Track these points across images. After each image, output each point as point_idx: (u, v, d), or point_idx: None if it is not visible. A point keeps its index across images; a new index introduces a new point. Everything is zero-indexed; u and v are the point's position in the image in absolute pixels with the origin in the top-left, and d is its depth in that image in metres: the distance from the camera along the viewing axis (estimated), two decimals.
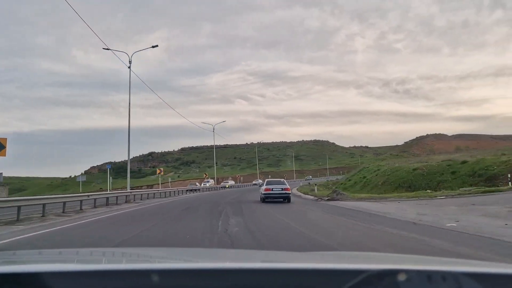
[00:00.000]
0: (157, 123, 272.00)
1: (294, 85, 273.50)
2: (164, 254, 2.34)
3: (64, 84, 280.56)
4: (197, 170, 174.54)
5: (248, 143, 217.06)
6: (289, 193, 20.53)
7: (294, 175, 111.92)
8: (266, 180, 23.22)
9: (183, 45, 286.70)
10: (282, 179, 23.07)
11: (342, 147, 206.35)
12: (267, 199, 20.02)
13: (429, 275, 1.11)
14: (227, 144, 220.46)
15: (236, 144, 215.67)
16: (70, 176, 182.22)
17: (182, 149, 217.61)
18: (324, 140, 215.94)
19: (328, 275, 1.19)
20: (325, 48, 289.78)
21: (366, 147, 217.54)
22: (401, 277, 1.08)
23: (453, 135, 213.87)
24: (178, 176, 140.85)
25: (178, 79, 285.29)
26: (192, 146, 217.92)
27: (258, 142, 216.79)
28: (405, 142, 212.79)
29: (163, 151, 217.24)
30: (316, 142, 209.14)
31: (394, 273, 1.11)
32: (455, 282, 1.08)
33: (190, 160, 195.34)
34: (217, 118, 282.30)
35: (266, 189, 20.25)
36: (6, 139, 15.11)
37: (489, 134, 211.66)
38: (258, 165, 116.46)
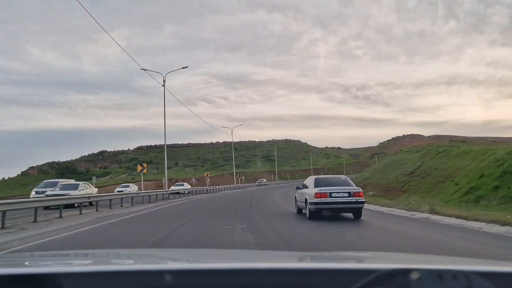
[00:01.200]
0: (115, 124, 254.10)
1: (257, 88, 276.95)
2: (173, 255, 2.38)
3: (15, 82, 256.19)
4: (155, 172, 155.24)
5: (214, 142, 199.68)
6: (362, 201, 11.47)
7: (276, 176, 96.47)
8: (313, 178, 12.87)
9: (144, 45, 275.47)
10: (343, 177, 13.67)
11: (315, 147, 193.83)
12: (323, 211, 11.22)
13: (440, 274, 1.11)
14: (190, 143, 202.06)
15: (200, 144, 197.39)
16: (3, 178, 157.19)
17: (139, 148, 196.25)
18: (296, 140, 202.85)
19: (339, 275, 1.20)
20: (288, 53, 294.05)
21: (339, 148, 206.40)
22: (412, 276, 1.09)
23: (429, 135, 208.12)
24: (114, 181, 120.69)
25: (139, 79, 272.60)
26: (150, 145, 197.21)
27: (224, 142, 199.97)
28: (380, 143, 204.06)
29: (116, 149, 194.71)
30: (287, 142, 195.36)
31: (404, 272, 1.11)
32: (466, 281, 1.08)
33: (146, 160, 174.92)
34: (179, 121, 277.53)
35: (319, 194, 11.07)
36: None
37: (463, 136, 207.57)
38: (228, 165, 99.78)
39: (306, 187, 12.56)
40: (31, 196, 21.40)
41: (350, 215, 11.81)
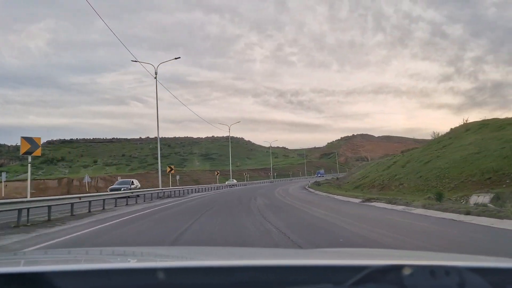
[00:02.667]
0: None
1: (193, 90, 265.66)
2: (171, 253, 2.46)
3: None
4: (66, 172, 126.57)
5: (143, 137, 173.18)
6: None
7: (247, 176, 76.57)
8: None
9: (72, 40, 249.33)
10: None
11: (260, 146, 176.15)
12: None
13: (432, 270, 1.13)
14: (114, 138, 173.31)
15: (126, 139, 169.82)
16: None
17: (49, 142, 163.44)
18: (239, 137, 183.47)
19: (333, 271, 1.24)
20: (225, 55, 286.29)
21: (285, 148, 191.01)
22: (405, 272, 1.11)
23: (379, 136, 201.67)
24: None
25: (67, 76, 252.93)
26: (64, 139, 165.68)
27: (155, 137, 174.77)
28: (329, 143, 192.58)
29: (17, 144, 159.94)
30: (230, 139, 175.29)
31: (397, 268, 1.13)
32: (459, 277, 1.10)
33: (57, 157, 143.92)
34: (110, 120, 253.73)
35: None
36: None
37: (412, 137, 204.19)
38: (158, 163, 77.30)
39: None
40: None
41: None
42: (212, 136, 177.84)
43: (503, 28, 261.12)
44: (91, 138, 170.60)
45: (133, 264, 1.65)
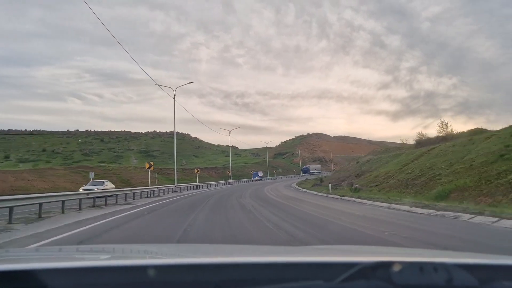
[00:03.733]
0: None
1: (136, 87, 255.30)
2: (162, 250, 2.49)
3: None
4: None
5: (71, 130, 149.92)
6: None
7: (197, 177, 61.22)
8: None
9: (2, 29, 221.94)
10: None
11: (209, 144, 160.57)
12: None
13: (421, 267, 1.17)
14: (34, 130, 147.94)
15: (50, 132, 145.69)
16: None
17: None
18: (185, 133, 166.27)
19: (323, 268, 1.27)
20: (170, 54, 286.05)
21: (235, 147, 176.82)
22: (394, 269, 1.15)
23: (335, 136, 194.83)
24: None
25: None
26: None
27: (87, 130, 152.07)
28: (282, 142, 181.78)
29: None
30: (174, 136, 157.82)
31: (387, 265, 1.17)
32: (447, 273, 1.14)
33: None
34: (46, 117, 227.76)
35: None
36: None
37: (365, 138, 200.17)
38: (88, 160, 60.27)
39: None
40: None
41: None
42: (154, 131, 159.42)
43: (436, 42, 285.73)
44: (6, 130, 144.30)
45: (122, 261, 1.61)
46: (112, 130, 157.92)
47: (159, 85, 27.82)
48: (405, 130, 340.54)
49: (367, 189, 23.53)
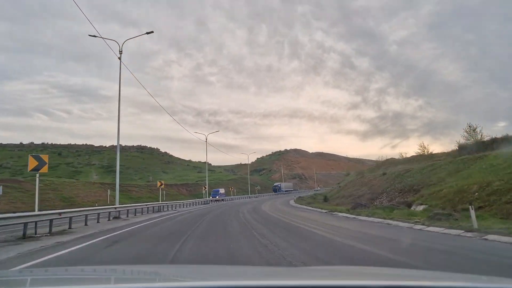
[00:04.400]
0: None
1: (105, 104, 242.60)
2: (164, 271, 2.54)
3: None
4: None
5: (25, 143, 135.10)
6: None
7: (162, 195, 49.02)
8: None
9: None
10: None
11: (180, 159, 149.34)
12: None
13: None
14: None
15: (0, 143, 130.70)
16: None
17: None
18: (153, 147, 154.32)
19: None
20: (142, 71, 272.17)
21: (208, 163, 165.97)
22: None
23: (313, 152, 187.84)
24: None
25: None
26: None
27: (43, 143, 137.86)
28: (258, 158, 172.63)
29: None
30: (142, 150, 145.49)
31: None
32: None
33: None
34: (9, 133, 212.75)
35: None
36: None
37: (343, 155, 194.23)
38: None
39: None
40: None
41: None
42: (120, 144, 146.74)
43: (403, 65, 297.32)
44: None
45: (126, 285, 1.57)
46: (72, 143, 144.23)
47: (99, 36, 24.86)
48: (374, 150, 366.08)
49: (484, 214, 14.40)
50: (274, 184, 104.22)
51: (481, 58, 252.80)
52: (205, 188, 60.26)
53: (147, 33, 27.87)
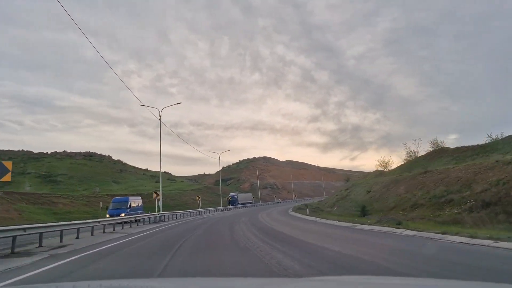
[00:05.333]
0: None
1: (61, 115, 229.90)
2: (162, 285, 2.45)
3: None
4: None
5: None
6: None
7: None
8: None
9: None
10: None
11: (135, 168, 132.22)
12: None
13: None
14: None
15: None
16: None
17: None
18: (104, 155, 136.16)
19: None
20: (100, 81, 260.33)
21: (168, 173, 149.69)
22: None
23: (284, 160, 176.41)
24: None
25: None
26: None
27: None
28: (226, 167, 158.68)
29: None
30: (90, 157, 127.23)
31: None
32: None
33: None
34: None
35: None
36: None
37: (314, 164, 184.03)
38: None
39: None
40: None
41: None
42: (64, 151, 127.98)
43: (361, 79, 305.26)
44: None
45: None
46: (5, 149, 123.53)
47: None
48: (333, 162, 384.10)
49: None
50: (231, 195, 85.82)
51: (434, 73, 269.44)
52: (158, 196, 43.29)
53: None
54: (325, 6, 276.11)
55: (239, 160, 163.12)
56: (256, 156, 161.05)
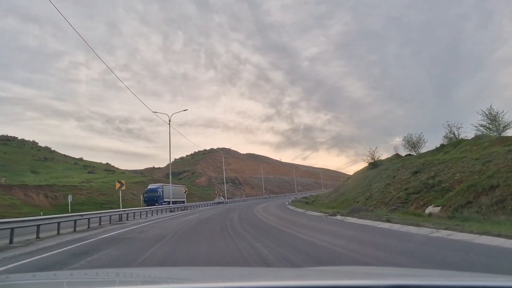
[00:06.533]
0: None
1: (0, 107, 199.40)
2: (171, 274, 2.47)
3: None
4: None
5: None
6: None
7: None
8: None
9: None
10: None
11: (67, 157, 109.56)
12: None
13: None
14: None
15: None
16: None
17: None
18: (27, 140, 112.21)
19: None
20: (44, 72, 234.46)
21: (109, 164, 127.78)
22: None
23: (245, 153, 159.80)
24: None
25: None
26: None
27: None
28: (176, 159, 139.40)
29: None
30: (7, 141, 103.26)
31: None
32: None
33: None
34: None
35: None
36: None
37: (277, 159, 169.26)
38: None
39: None
40: None
41: None
42: None
43: (314, 80, 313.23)
44: None
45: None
46: None
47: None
48: (286, 161, 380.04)
49: None
50: (149, 187, 55.78)
51: (382, 78, 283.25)
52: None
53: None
54: (280, 7, 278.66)
55: (194, 152, 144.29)
56: (214, 147, 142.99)
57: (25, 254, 10.37)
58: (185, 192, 60.81)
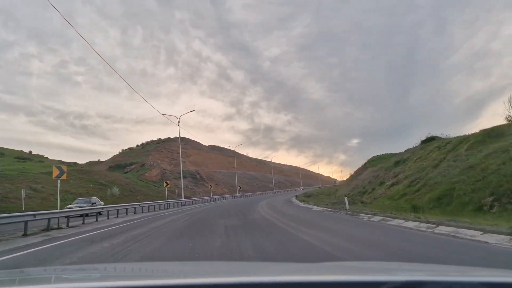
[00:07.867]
0: None
1: None
2: (172, 269, 2.42)
3: None
4: None
5: None
6: None
7: None
8: None
9: None
10: None
11: (10, 150, 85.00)
12: None
13: (449, 286, 1.16)
14: None
15: None
16: None
17: None
18: None
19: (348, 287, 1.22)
20: None
21: (37, 154, 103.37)
22: None
23: (208, 145, 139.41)
24: None
25: None
26: None
27: None
28: (124, 150, 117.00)
29: None
30: None
31: (415, 285, 1.15)
32: None
33: None
34: None
35: None
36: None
37: (244, 154, 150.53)
38: None
39: None
40: None
41: None
42: None
43: (275, 80, 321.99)
44: None
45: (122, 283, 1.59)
46: None
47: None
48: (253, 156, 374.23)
49: None
50: None
51: (342, 80, 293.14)
52: None
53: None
54: (242, 6, 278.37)
55: (146, 141, 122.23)
56: (171, 136, 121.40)
57: None
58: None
